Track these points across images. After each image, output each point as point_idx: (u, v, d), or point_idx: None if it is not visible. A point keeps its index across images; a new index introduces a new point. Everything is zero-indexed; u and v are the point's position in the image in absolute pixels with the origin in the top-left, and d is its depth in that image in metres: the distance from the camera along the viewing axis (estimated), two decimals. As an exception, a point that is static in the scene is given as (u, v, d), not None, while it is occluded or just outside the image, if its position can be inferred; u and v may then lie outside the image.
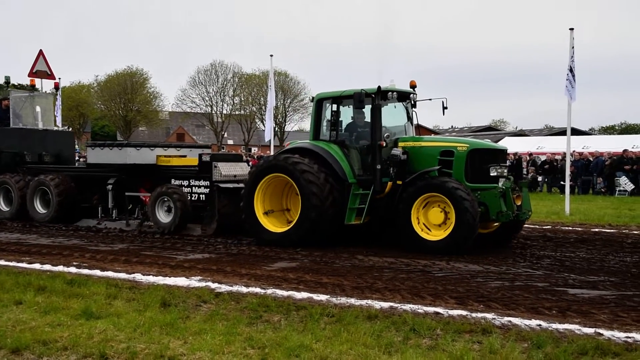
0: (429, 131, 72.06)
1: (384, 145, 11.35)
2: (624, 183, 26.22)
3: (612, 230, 14.42)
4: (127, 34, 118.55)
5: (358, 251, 10.92)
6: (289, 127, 71.12)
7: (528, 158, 32.90)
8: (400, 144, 11.58)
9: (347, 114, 12.25)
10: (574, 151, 26.91)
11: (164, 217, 13.25)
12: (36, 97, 18.18)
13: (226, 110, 68.78)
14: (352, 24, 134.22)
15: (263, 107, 55.91)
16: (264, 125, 29.86)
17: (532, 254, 10.72)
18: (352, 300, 7.29)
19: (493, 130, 72.14)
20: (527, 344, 5.64)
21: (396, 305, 7.07)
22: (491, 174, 11.04)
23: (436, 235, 10.60)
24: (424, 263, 9.78)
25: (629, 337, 5.79)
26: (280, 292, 7.69)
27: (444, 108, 12.20)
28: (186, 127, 78.18)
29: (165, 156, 14.43)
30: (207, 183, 13.14)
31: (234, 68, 67.63)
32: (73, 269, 9.23)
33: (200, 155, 13.52)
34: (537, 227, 14.81)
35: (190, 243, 12.12)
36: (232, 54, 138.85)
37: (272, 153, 18.27)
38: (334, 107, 11.88)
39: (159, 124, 73.08)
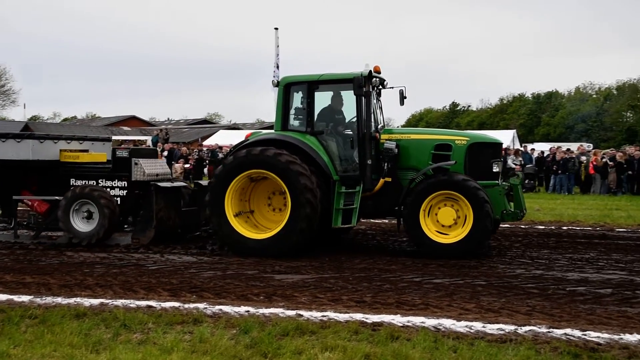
0: (146, 123, 70.66)
1: (379, 137, 10.27)
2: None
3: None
4: None
5: (70, 248, 10.39)
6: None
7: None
8: (385, 136, 10.36)
9: (318, 102, 10.60)
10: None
11: (82, 225, 10.70)
12: None
13: None
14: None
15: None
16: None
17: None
18: (59, 299, 6.99)
19: (208, 123, 73.39)
20: (236, 330, 5.93)
21: (107, 301, 6.94)
22: (494, 170, 10.27)
23: (447, 237, 9.67)
24: (138, 257, 9.69)
25: (325, 316, 6.41)
26: (-27, 296, 7.02)
27: (403, 97, 11.02)
28: None
29: (70, 150, 11.62)
30: (123, 184, 11.02)
31: None
32: None
33: (114, 150, 11.37)
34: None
35: None
36: None
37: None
38: (308, 93, 10.40)
39: None
